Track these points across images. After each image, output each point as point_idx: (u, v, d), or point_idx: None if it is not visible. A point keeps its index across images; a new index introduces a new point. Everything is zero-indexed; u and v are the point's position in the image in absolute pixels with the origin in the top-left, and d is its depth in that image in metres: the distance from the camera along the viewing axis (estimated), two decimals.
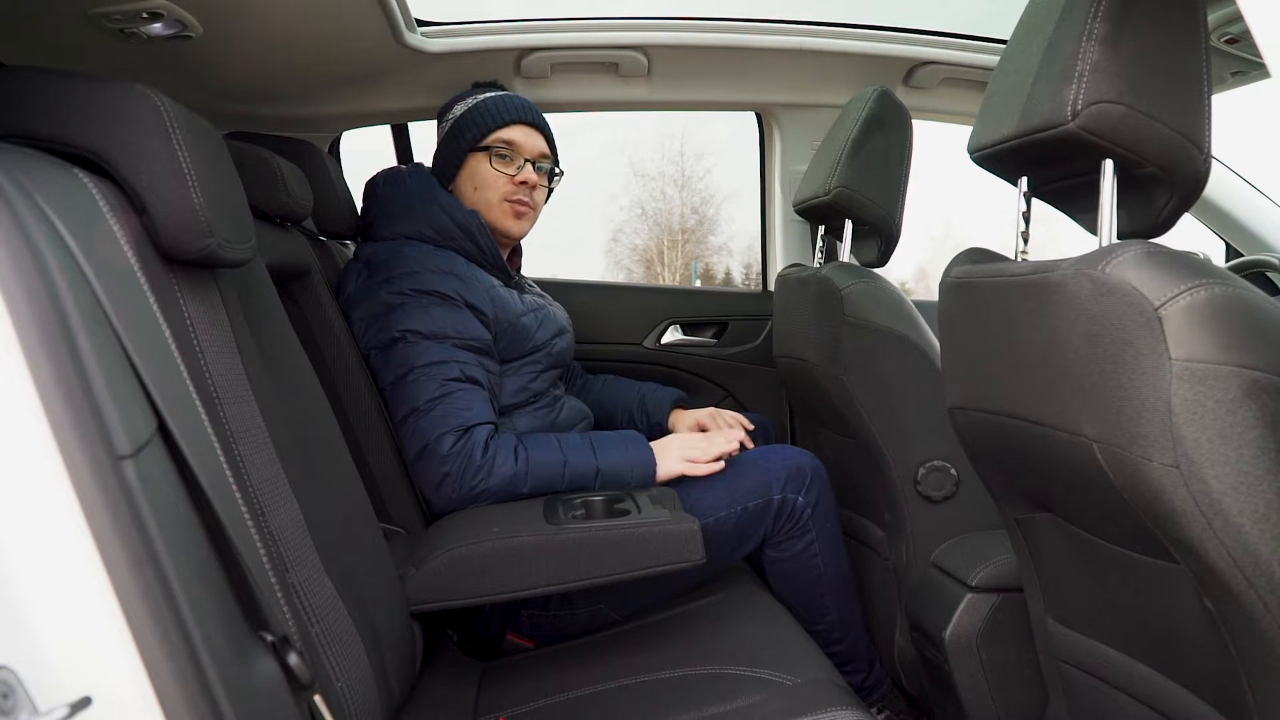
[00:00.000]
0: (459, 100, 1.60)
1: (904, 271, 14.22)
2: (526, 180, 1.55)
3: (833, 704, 1.01)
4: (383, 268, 1.42)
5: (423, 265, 1.41)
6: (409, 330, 1.36)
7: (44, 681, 0.50)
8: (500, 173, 1.53)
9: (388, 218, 1.50)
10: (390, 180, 1.55)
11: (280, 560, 0.81)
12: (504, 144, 1.54)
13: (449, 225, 1.48)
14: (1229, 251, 2.03)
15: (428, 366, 1.34)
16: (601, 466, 1.37)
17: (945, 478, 1.47)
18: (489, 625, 1.37)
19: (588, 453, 1.37)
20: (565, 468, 1.35)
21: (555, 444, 1.38)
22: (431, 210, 1.48)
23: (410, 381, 1.35)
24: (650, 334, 2.19)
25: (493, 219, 1.55)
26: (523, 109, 1.57)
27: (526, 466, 1.33)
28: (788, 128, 2.07)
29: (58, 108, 0.73)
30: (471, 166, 1.55)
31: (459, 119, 1.56)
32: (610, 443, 1.41)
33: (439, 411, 1.32)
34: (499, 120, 1.54)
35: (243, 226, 0.88)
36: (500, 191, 1.54)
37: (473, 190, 1.54)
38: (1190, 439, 0.71)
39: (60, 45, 1.26)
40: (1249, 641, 0.75)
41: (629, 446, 1.41)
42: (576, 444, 1.39)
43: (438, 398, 1.33)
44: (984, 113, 0.96)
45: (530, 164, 1.56)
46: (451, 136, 1.56)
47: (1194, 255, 0.75)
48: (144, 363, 0.61)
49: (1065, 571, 1.02)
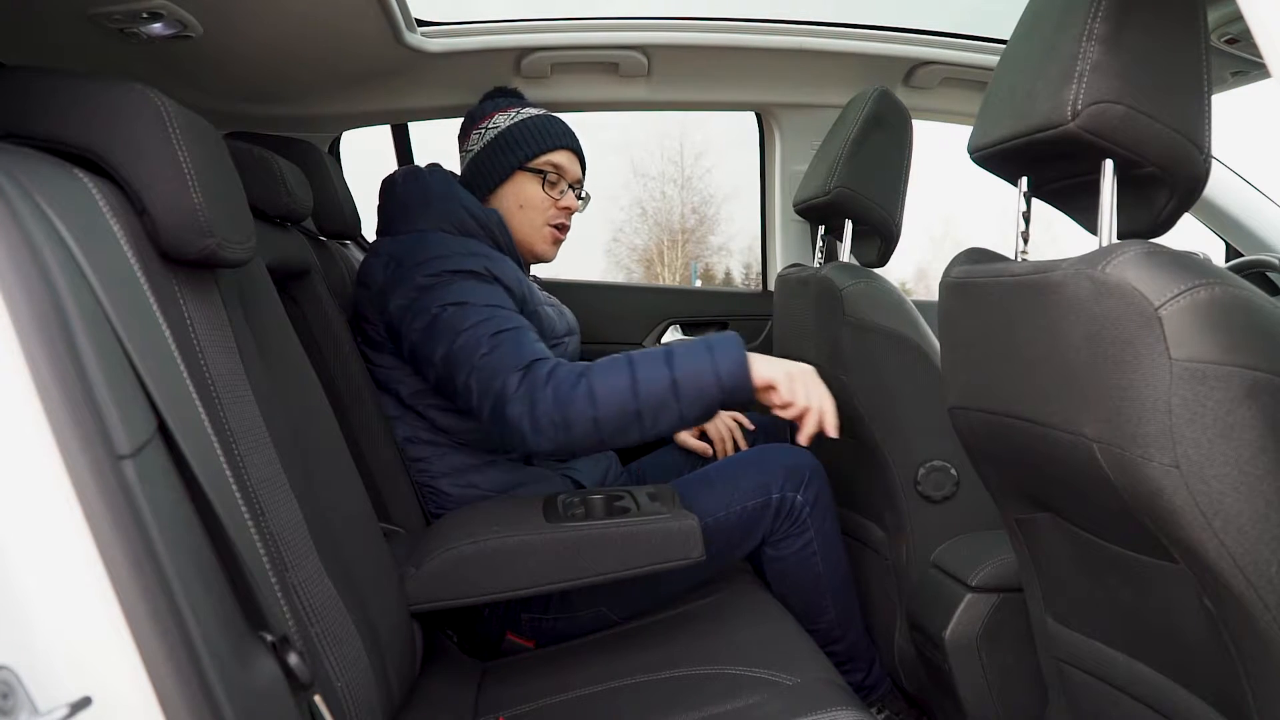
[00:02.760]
0: (497, 110, 1.58)
1: (904, 271, 14.22)
2: (570, 206, 1.57)
3: (833, 704, 1.01)
4: (410, 255, 1.40)
5: (450, 249, 1.40)
6: (450, 302, 1.34)
7: (44, 681, 0.50)
8: (549, 196, 1.55)
9: (405, 213, 1.49)
10: (410, 178, 1.54)
11: (280, 560, 0.81)
12: (553, 168, 1.55)
13: (469, 221, 1.48)
14: (1229, 251, 2.03)
15: (472, 328, 1.31)
16: (677, 376, 1.23)
17: (945, 478, 1.47)
18: (489, 626, 1.37)
19: (660, 366, 1.24)
20: (634, 382, 1.23)
21: (624, 363, 1.26)
22: (451, 206, 1.48)
23: (460, 345, 1.31)
24: (650, 334, 2.19)
25: (532, 240, 1.56)
26: (569, 134, 1.58)
27: (589, 391, 1.23)
28: (788, 128, 2.07)
29: (58, 108, 0.73)
30: (519, 184, 1.55)
31: (506, 133, 1.55)
32: (686, 350, 1.27)
33: (494, 360, 1.28)
34: (550, 143, 1.55)
35: (243, 226, 0.88)
36: (545, 215, 1.56)
37: (518, 209, 1.54)
38: (1190, 439, 0.71)
39: (60, 45, 1.26)
40: (1249, 641, 0.75)
41: (713, 350, 1.26)
42: (648, 358, 1.27)
43: (489, 350, 1.29)
44: (984, 113, 0.96)
45: (571, 190, 1.58)
46: (497, 150, 1.55)
47: (1194, 255, 0.75)
48: (144, 363, 0.61)
49: (1065, 571, 1.02)
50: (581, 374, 1.25)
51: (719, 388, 1.24)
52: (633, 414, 1.23)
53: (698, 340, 1.29)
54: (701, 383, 1.24)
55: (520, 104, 1.61)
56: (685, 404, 1.24)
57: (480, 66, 1.82)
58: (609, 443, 1.27)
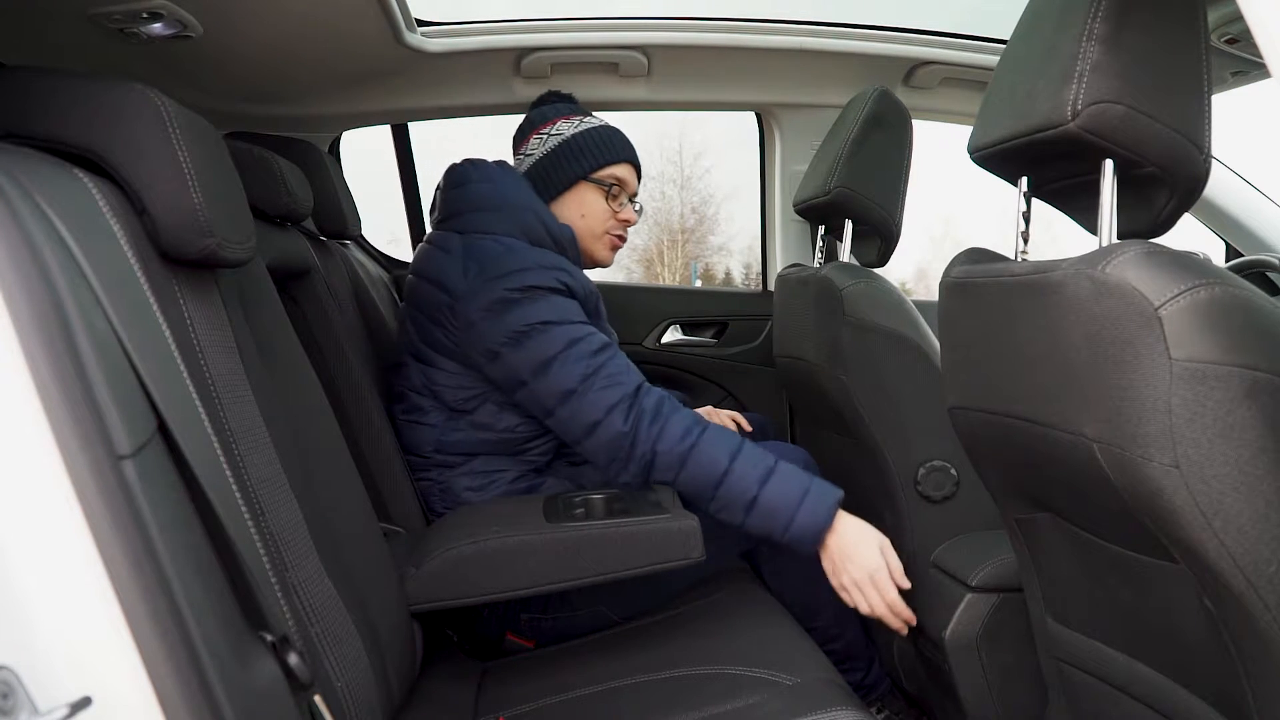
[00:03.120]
0: (560, 116, 1.58)
1: (904, 271, 14.20)
2: (629, 220, 1.60)
3: (833, 704, 1.01)
4: (493, 265, 1.38)
5: (532, 260, 1.39)
6: (537, 322, 1.34)
7: (44, 681, 0.50)
8: (610, 209, 1.57)
9: (478, 214, 1.48)
10: (483, 177, 1.52)
11: (280, 560, 0.81)
12: (617, 181, 1.57)
13: (541, 233, 1.47)
14: (1229, 251, 2.03)
15: (567, 349, 1.33)
16: (761, 495, 1.28)
17: (945, 478, 1.47)
18: (489, 627, 1.37)
19: (752, 473, 1.29)
20: (728, 474, 1.28)
21: (729, 443, 1.31)
22: (526, 216, 1.47)
23: (554, 370, 1.32)
24: (650, 334, 2.19)
25: (591, 248, 1.58)
26: (631, 148, 1.61)
27: (690, 451, 1.29)
28: (788, 128, 2.07)
29: (58, 108, 0.73)
30: (581, 193, 1.56)
31: (571, 141, 1.55)
32: (787, 474, 1.31)
33: (598, 385, 1.31)
34: (615, 156, 1.56)
35: (243, 226, 0.87)
36: (605, 225, 1.57)
37: (580, 217, 1.55)
38: (1190, 439, 0.71)
39: (60, 45, 1.26)
40: (1249, 641, 0.75)
41: (813, 493, 1.30)
42: (751, 455, 1.31)
43: (591, 373, 1.32)
44: (984, 113, 0.96)
45: (630, 202, 1.61)
46: (562, 157, 1.55)
47: (1194, 255, 0.75)
48: (144, 363, 0.61)
49: (1065, 571, 1.02)
50: (690, 431, 1.30)
51: (785, 532, 1.29)
52: (706, 498, 1.30)
53: (801, 475, 1.32)
54: (774, 518, 1.29)
55: (582, 112, 1.62)
56: (750, 521, 1.29)
57: (480, 66, 1.82)
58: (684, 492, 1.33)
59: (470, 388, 1.41)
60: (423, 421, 1.45)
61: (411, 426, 1.46)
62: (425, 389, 1.44)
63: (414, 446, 1.47)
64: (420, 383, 1.45)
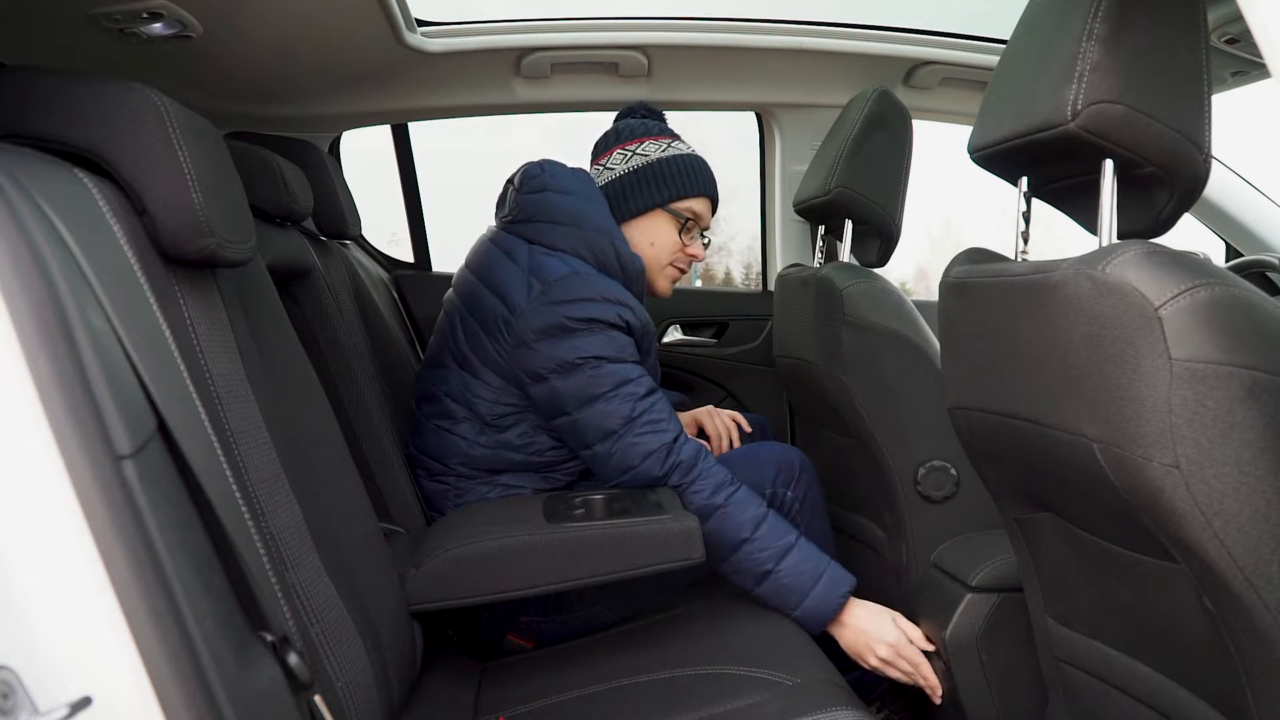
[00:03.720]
0: (648, 135, 1.55)
1: (904, 271, 14.18)
2: (697, 255, 1.56)
3: (833, 704, 1.01)
4: (558, 287, 1.36)
5: (599, 293, 1.37)
6: (592, 356, 1.33)
7: (44, 681, 0.50)
8: (681, 242, 1.53)
9: (552, 227, 1.44)
10: (564, 186, 1.47)
11: (280, 560, 0.81)
12: (693, 215, 1.53)
13: (613, 261, 1.44)
14: (1229, 251, 2.03)
15: (616, 389, 1.33)
16: (779, 570, 1.31)
17: (945, 478, 1.47)
18: (488, 629, 1.37)
19: (773, 547, 1.31)
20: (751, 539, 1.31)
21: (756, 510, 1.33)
22: (601, 241, 1.43)
23: (599, 408, 1.32)
24: None
25: (654, 278, 1.55)
26: (714, 183, 1.56)
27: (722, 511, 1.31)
28: (788, 128, 2.07)
29: (58, 108, 0.73)
30: (655, 222, 1.52)
31: (656, 166, 1.51)
32: (809, 555, 1.33)
33: (639, 430, 1.32)
34: (698, 190, 1.53)
35: (243, 226, 0.87)
36: (672, 258, 1.54)
37: (649, 245, 1.52)
38: (1190, 439, 0.71)
39: (60, 45, 1.26)
40: (1249, 641, 0.75)
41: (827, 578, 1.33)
42: (774, 528, 1.33)
43: (634, 417, 1.33)
44: (984, 113, 0.96)
45: (700, 236, 1.58)
46: (644, 181, 1.51)
47: (1194, 255, 0.75)
48: (144, 363, 0.61)
49: (1065, 571, 1.02)
50: (720, 489, 1.33)
51: (794, 610, 1.32)
52: (720, 558, 1.32)
53: (819, 556, 1.35)
54: (786, 595, 1.32)
55: (670, 134, 1.58)
56: (762, 593, 1.33)
57: (480, 66, 1.82)
58: None
59: (508, 404, 1.40)
60: (453, 431, 1.43)
61: (439, 433, 1.44)
62: (462, 397, 1.42)
63: (437, 453, 1.45)
64: (458, 389, 1.43)
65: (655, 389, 1.38)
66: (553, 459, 1.43)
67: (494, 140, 1.77)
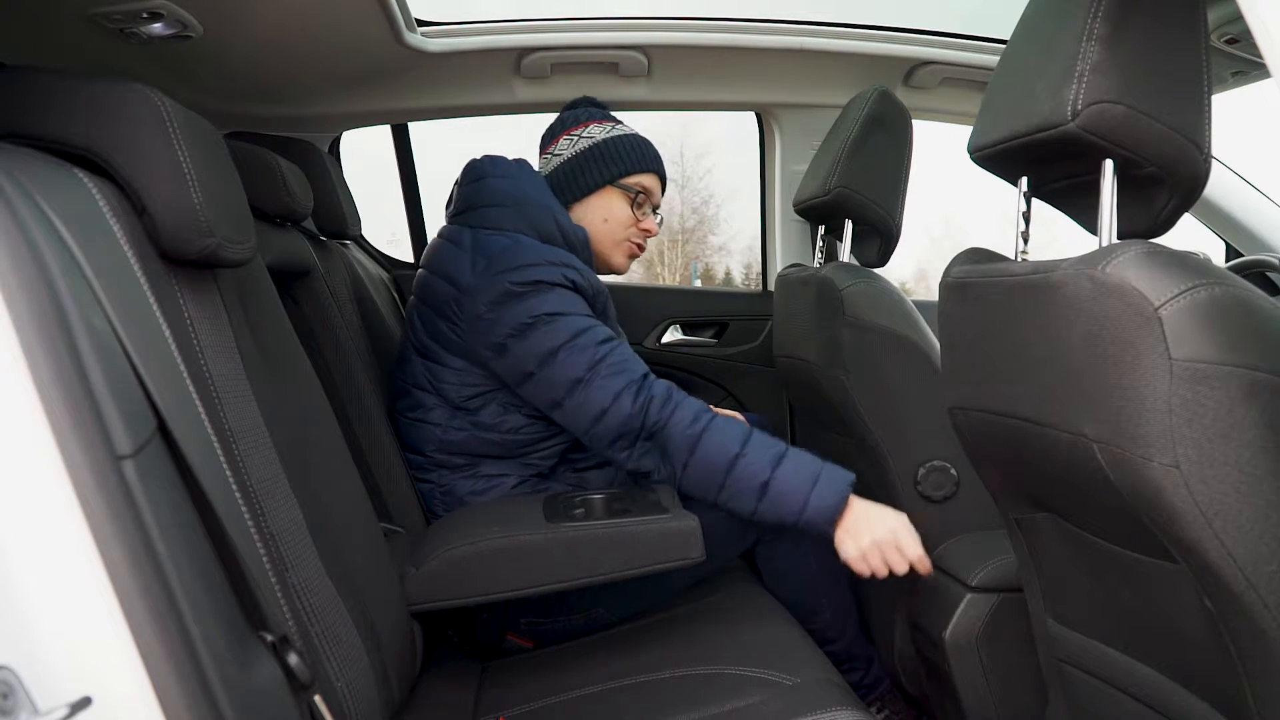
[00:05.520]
0: (592, 120, 1.59)
1: (904, 271, 14.19)
2: (651, 230, 1.60)
3: (833, 704, 1.01)
4: (500, 259, 1.39)
5: (542, 257, 1.40)
6: (543, 314, 1.34)
7: (44, 681, 0.50)
8: (634, 216, 1.57)
9: (494, 210, 1.48)
10: (501, 173, 1.52)
11: (280, 560, 0.81)
12: (643, 190, 1.57)
13: (555, 233, 1.47)
14: (1229, 251, 2.03)
15: (573, 339, 1.33)
16: (772, 480, 1.28)
17: (945, 478, 1.47)
18: (488, 629, 1.37)
19: (762, 461, 1.29)
20: (736, 459, 1.29)
21: (738, 432, 1.31)
22: (542, 215, 1.47)
23: (561, 360, 1.33)
24: (650, 334, 2.19)
25: (609, 254, 1.58)
26: (659, 159, 1.61)
27: (697, 438, 1.29)
28: (788, 128, 2.07)
29: (58, 108, 0.73)
30: (606, 199, 1.55)
31: (602, 146, 1.55)
32: (801, 458, 1.32)
33: (605, 372, 1.32)
34: (644, 165, 1.57)
35: (243, 226, 0.87)
36: (627, 232, 1.58)
37: (601, 221, 1.55)
38: (1191, 439, 0.71)
39: (60, 45, 1.26)
40: (1249, 641, 0.75)
41: (825, 477, 1.30)
42: (760, 444, 1.31)
43: (597, 361, 1.33)
44: (984, 113, 0.96)
45: (653, 212, 1.61)
46: (591, 161, 1.55)
47: (1194, 255, 0.75)
48: (144, 363, 0.61)
49: (1065, 571, 1.02)
50: (700, 416, 1.32)
51: (800, 515, 1.29)
52: (717, 484, 1.30)
53: (812, 459, 1.32)
54: (787, 502, 1.29)
55: (614, 119, 1.62)
56: (763, 508, 1.29)
57: (480, 66, 1.82)
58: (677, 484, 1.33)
59: (475, 385, 1.41)
60: (426, 420, 1.44)
61: (414, 424, 1.46)
62: (429, 385, 1.44)
63: (415, 445, 1.46)
64: (424, 379, 1.44)
65: (613, 337, 1.37)
66: (528, 438, 1.43)
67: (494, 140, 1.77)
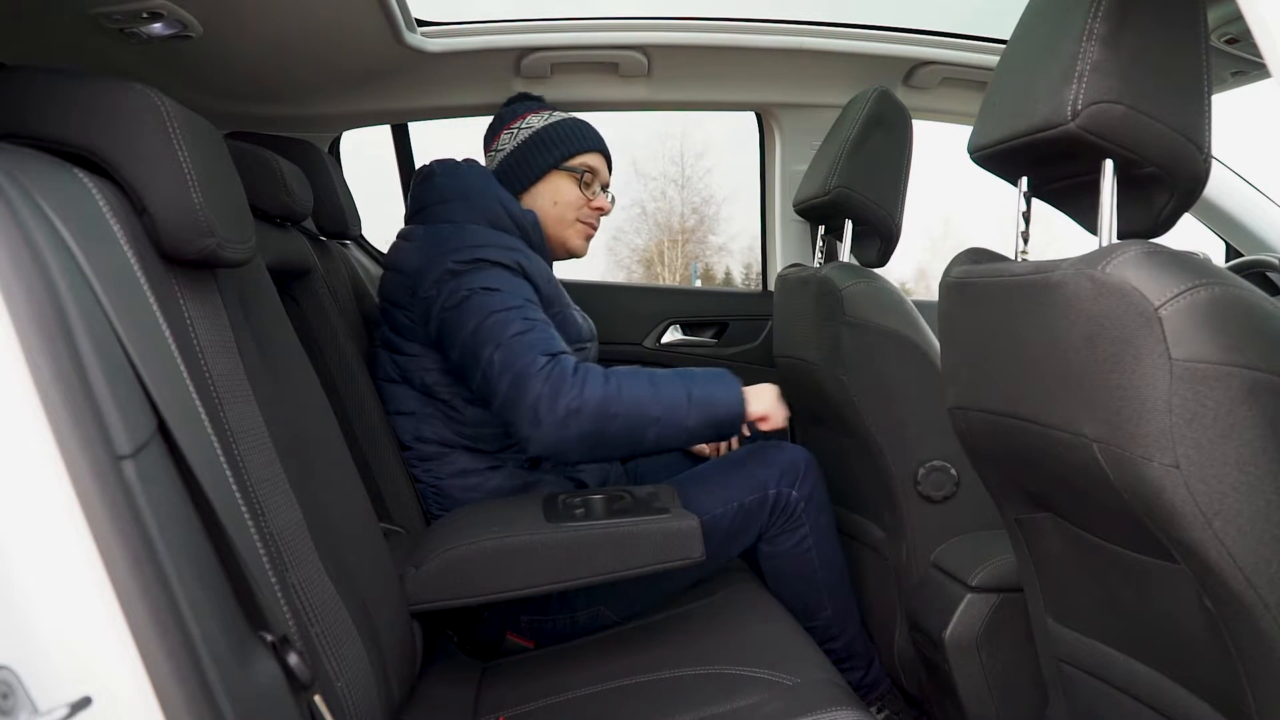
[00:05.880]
0: (529, 111, 1.64)
1: (904, 271, 14.20)
2: (602, 207, 1.64)
3: (833, 704, 1.01)
4: (446, 241, 1.42)
5: (487, 240, 1.43)
6: (480, 288, 1.36)
7: (44, 681, 0.50)
8: (583, 195, 1.61)
9: (444, 205, 1.51)
10: (448, 171, 1.56)
11: (280, 560, 0.81)
12: (587, 169, 1.60)
13: (505, 219, 1.50)
14: (1229, 251, 2.03)
15: (506, 310, 1.35)
16: (693, 392, 1.34)
17: (945, 478, 1.47)
18: (489, 627, 1.37)
19: (677, 381, 1.36)
20: (655, 391, 1.32)
21: (645, 373, 1.37)
22: (489, 202, 1.51)
23: (490, 324, 1.33)
24: (650, 334, 2.19)
25: (564, 235, 1.61)
26: (600, 138, 1.65)
27: (618, 389, 1.30)
28: (788, 128, 2.07)
29: (58, 108, 0.73)
30: (554, 183, 1.60)
31: (541, 134, 1.60)
32: (698, 374, 1.39)
33: (525, 340, 1.32)
34: (585, 145, 1.61)
35: (243, 226, 0.88)
36: (578, 213, 1.61)
37: (552, 205, 1.59)
38: (1191, 439, 0.71)
39: (60, 45, 1.26)
40: (1249, 641, 0.75)
41: (719, 378, 1.39)
42: (665, 374, 1.37)
43: (520, 332, 1.33)
44: (984, 113, 0.96)
45: (602, 191, 1.64)
46: (533, 149, 1.59)
47: (1194, 255, 0.75)
48: (144, 363, 0.61)
49: (1065, 571, 1.02)
50: (610, 374, 1.32)
51: (728, 411, 1.36)
52: (652, 419, 1.31)
53: (701, 370, 1.40)
54: (714, 406, 1.35)
55: (550, 108, 1.66)
56: (693, 420, 1.33)
57: (480, 66, 1.82)
58: (607, 446, 1.31)
59: (433, 369, 1.44)
60: (401, 411, 1.47)
61: (391, 416, 1.48)
62: (399, 376, 1.47)
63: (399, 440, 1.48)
64: (393, 371, 1.48)
65: (541, 321, 1.37)
66: (495, 430, 1.45)
67: None
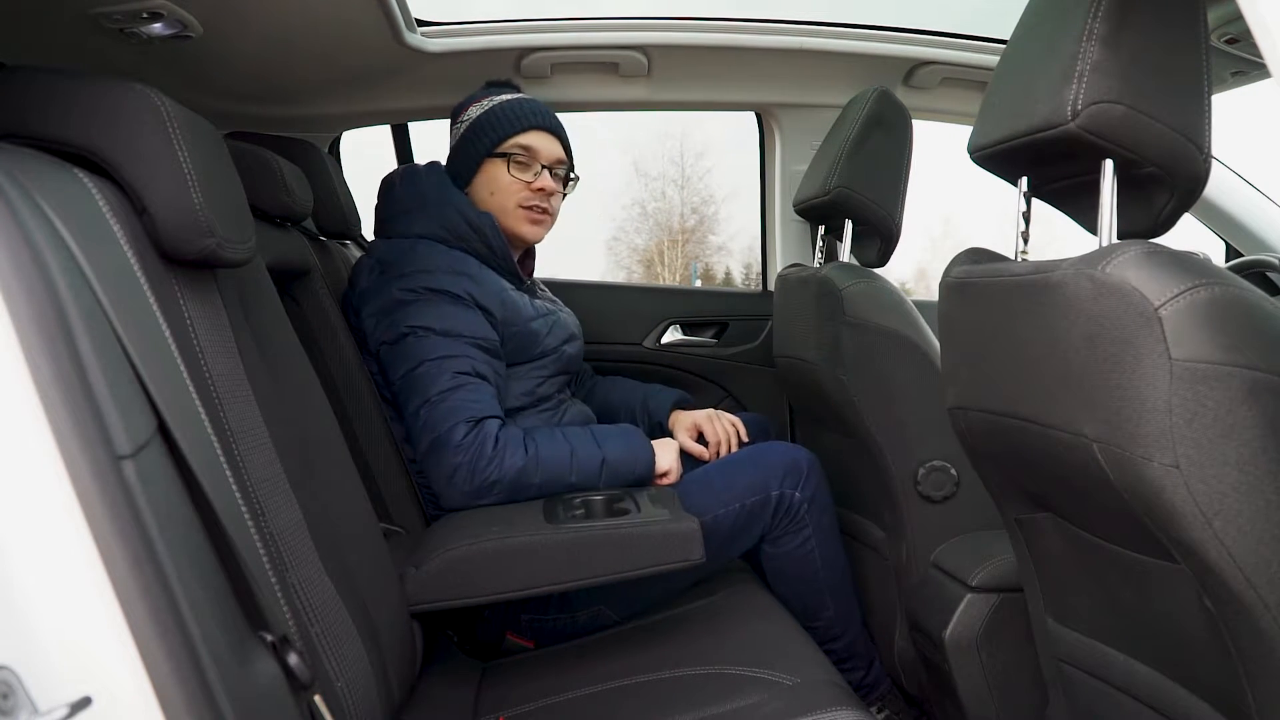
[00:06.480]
0: (473, 101, 1.60)
1: (904, 271, 14.21)
2: (544, 187, 1.55)
3: (833, 704, 1.01)
4: (395, 265, 1.42)
5: (436, 264, 1.41)
6: (420, 326, 1.37)
7: (44, 681, 0.50)
8: (517, 179, 1.53)
9: (404, 216, 1.51)
10: (407, 179, 1.56)
11: (280, 560, 0.81)
12: (522, 150, 1.54)
13: (462, 226, 1.48)
14: (1229, 251, 2.03)
15: (439, 360, 1.35)
16: (607, 456, 1.39)
17: (945, 478, 1.47)
18: (489, 627, 1.37)
19: (592, 444, 1.40)
20: (572, 458, 1.37)
21: (561, 437, 1.40)
22: (445, 210, 1.49)
23: (421, 374, 1.35)
24: (650, 334, 2.19)
25: (509, 225, 1.55)
26: (540, 114, 1.56)
27: (536, 458, 1.34)
28: (788, 128, 2.07)
29: (58, 108, 0.73)
30: (489, 172, 1.55)
31: (475, 122, 1.56)
32: (611, 434, 1.44)
33: (450, 403, 1.33)
34: (517, 126, 1.54)
35: (243, 226, 0.88)
36: (517, 198, 1.54)
37: (489, 195, 1.54)
38: (1190, 439, 0.71)
39: (60, 45, 1.26)
40: (1249, 641, 0.75)
41: (629, 438, 1.45)
42: (580, 436, 1.41)
43: (449, 389, 1.33)
44: (984, 113, 0.96)
45: (547, 170, 1.56)
46: (467, 140, 1.55)
47: (1194, 255, 0.75)
48: (144, 363, 0.61)
49: (1065, 571, 1.02)
50: (529, 440, 1.36)
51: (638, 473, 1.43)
52: (566, 485, 1.37)
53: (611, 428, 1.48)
54: (626, 467, 1.42)
55: (497, 92, 1.60)
56: (604, 481, 1.39)
57: (480, 66, 1.82)
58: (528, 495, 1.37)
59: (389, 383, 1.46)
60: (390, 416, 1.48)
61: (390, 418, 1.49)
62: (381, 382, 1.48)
63: None
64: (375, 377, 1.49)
65: (483, 375, 1.37)
66: None
67: None
